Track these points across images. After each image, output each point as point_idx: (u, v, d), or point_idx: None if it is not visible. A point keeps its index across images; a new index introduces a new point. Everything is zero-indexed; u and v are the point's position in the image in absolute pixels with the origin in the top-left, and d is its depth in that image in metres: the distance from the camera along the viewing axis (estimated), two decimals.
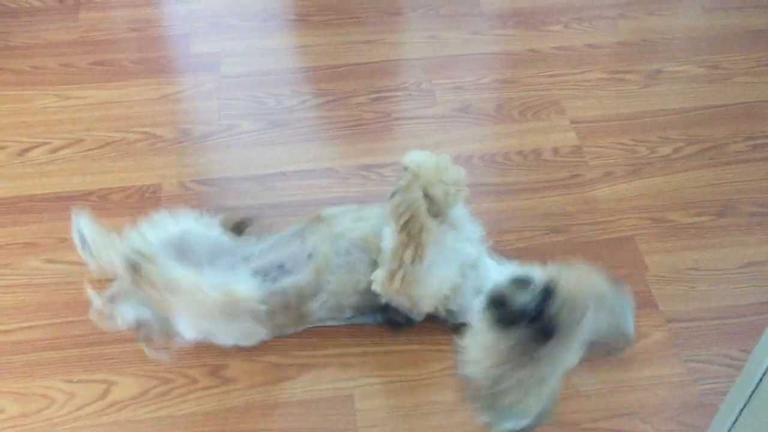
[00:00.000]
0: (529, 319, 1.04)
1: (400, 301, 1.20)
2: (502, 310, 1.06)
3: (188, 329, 1.19)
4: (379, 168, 1.58)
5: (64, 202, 1.50)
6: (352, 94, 1.74)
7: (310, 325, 1.28)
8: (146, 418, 1.19)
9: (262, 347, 1.26)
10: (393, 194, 1.15)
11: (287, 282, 1.22)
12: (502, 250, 1.29)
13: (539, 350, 1.05)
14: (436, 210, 1.21)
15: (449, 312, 1.23)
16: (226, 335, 1.22)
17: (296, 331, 1.28)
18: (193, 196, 1.51)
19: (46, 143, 1.61)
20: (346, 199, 1.50)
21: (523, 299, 1.06)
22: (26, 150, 1.60)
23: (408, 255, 1.13)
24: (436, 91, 1.75)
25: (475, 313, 1.15)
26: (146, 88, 1.75)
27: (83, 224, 1.22)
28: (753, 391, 0.90)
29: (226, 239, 1.29)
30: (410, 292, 1.18)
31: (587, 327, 1.09)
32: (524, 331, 1.04)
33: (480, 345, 1.10)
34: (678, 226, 1.46)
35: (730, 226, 1.46)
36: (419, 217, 1.12)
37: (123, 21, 1.93)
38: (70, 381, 1.23)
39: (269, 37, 1.88)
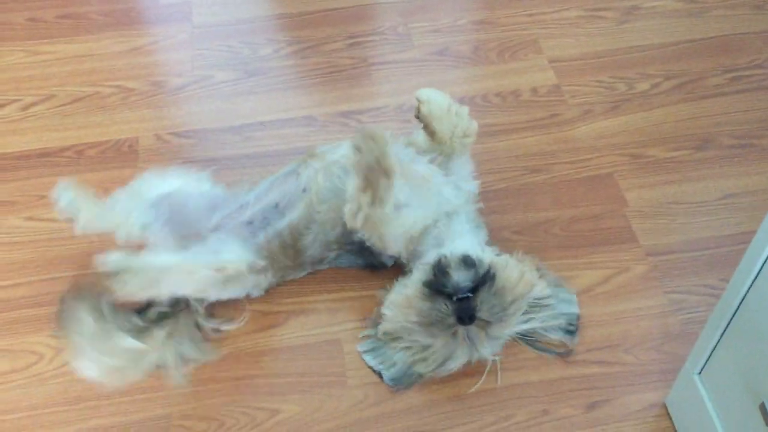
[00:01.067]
0: (458, 298, 1.08)
1: (372, 241, 1.19)
2: (439, 278, 1.10)
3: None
4: (358, 114, 1.56)
5: (39, 158, 1.48)
6: (327, 40, 1.72)
7: (306, 271, 1.28)
8: None
9: (245, 298, 1.27)
10: (357, 148, 1.09)
11: (281, 224, 1.22)
12: (486, 220, 1.29)
13: (451, 330, 1.09)
14: (435, 149, 1.23)
15: (409, 255, 1.22)
16: (233, 294, 1.22)
17: (297, 276, 1.28)
18: (172, 148, 1.50)
19: (16, 100, 1.58)
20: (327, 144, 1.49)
21: (461, 277, 1.09)
22: None
23: (365, 198, 1.11)
24: (412, 34, 1.73)
25: (421, 264, 1.16)
26: (117, 41, 1.71)
27: (68, 197, 1.23)
28: (732, 316, 0.92)
29: (219, 191, 1.28)
30: (377, 231, 1.16)
31: (511, 325, 1.13)
32: (450, 306, 1.08)
33: (406, 295, 1.12)
34: (657, 161, 1.47)
35: (708, 159, 1.47)
36: (381, 165, 1.08)
37: None
38: (57, 336, 1.23)
39: None
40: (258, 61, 1.67)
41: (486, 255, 1.16)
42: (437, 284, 1.10)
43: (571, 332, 1.21)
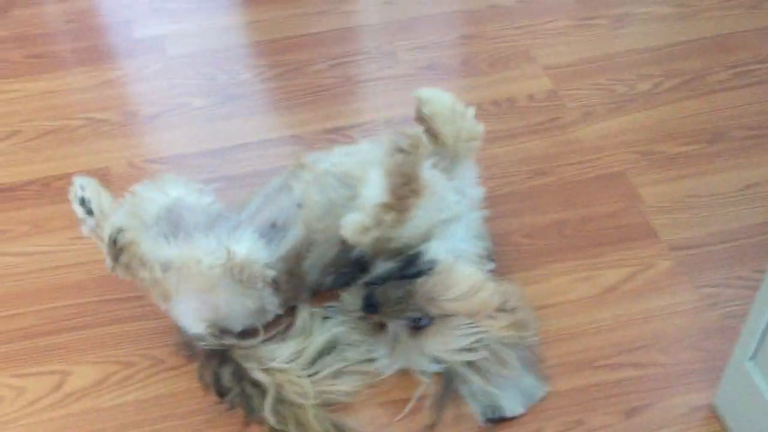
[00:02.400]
0: (372, 283, 1.01)
1: (365, 250, 1.07)
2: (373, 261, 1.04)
3: (192, 319, 1.06)
4: (345, 130, 1.47)
5: (2, 193, 1.36)
6: (309, 63, 1.63)
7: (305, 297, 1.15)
8: (108, 406, 1.05)
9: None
10: (397, 150, 0.98)
11: (284, 246, 1.09)
12: (492, 225, 1.18)
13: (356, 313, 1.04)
14: (437, 152, 1.11)
15: None
16: (237, 312, 1.07)
17: (299, 302, 1.14)
18: (145, 175, 1.37)
19: None
20: None
21: (383, 268, 1.03)
22: None
23: (389, 218, 1.01)
24: (397, 51, 1.65)
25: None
26: (87, 76, 1.62)
27: (85, 184, 1.08)
28: None
29: (219, 206, 1.17)
30: (380, 249, 1.06)
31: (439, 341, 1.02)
32: (360, 288, 1.03)
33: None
34: (669, 157, 1.37)
35: (723, 152, 1.38)
36: (415, 183, 1.00)
37: (58, 14, 1.81)
38: (18, 375, 1.08)
39: (216, 17, 1.77)
40: (238, 86, 1.58)
41: (447, 259, 1.04)
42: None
43: (489, 419, 1.00)
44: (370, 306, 1.02)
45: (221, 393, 1.03)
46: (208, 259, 1.01)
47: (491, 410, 1.00)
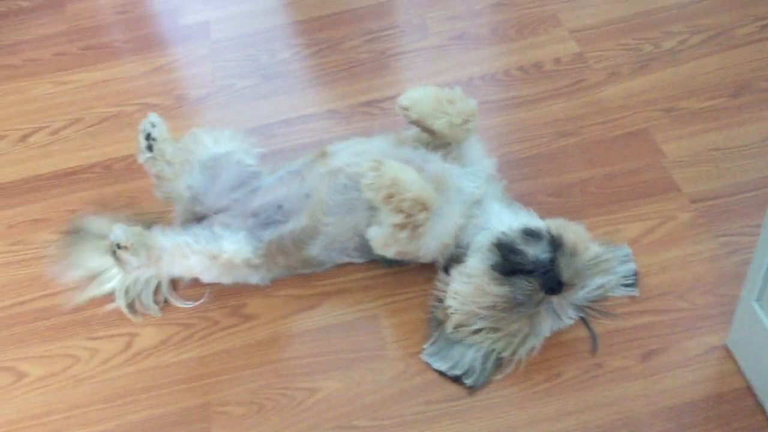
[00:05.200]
0: (541, 272, 1.00)
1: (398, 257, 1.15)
2: (511, 258, 1.02)
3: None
4: (381, 102, 1.55)
5: (68, 177, 1.49)
6: (343, 39, 1.71)
7: (323, 268, 1.24)
8: (172, 363, 1.17)
9: (279, 283, 1.24)
10: (364, 185, 1.07)
11: (283, 229, 1.18)
12: (513, 194, 1.24)
13: (538, 306, 1.02)
14: (442, 143, 1.17)
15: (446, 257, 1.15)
16: (223, 280, 1.22)
17: (312, 272, 1.25)
18: None
19: (45, 127, 1.61)
20: (351, 136, 1.46)
21: (537, 250, 1.02)
22: (26, 135, 1.60)
23: (403, 235, 1.07)
24: (428, 24, 1.71)
25: (474, 251, 1.09)
26: (139, 64, 1.74)
27: (156, 122, 1.24)
28: None
29: (256, 168, 1.27)
30: (409, 254, 1.13)
31: (585, 289, 1.05)
32: (535, 281, 1.00)
33: (472, 284, 1.05)
34: (692, 112, 1.41)
35: (746, 105, 1.41)
36: (416, 205, 1.04)
37: (109, 7, 1.93)
38: (92, 338, 1.21)
39: (257, 0, 1.86)
40: (277, 65, 1.67)
41: (538, 221, 1.10)
42: (511, 265, 1.02)
43: (632, 285, 1.14)
44: (559, 285, 1.01)
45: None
46: (194, 257, 1.17)
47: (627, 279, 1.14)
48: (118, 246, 1.14)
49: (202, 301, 1.23)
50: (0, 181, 1.50)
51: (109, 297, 1.25)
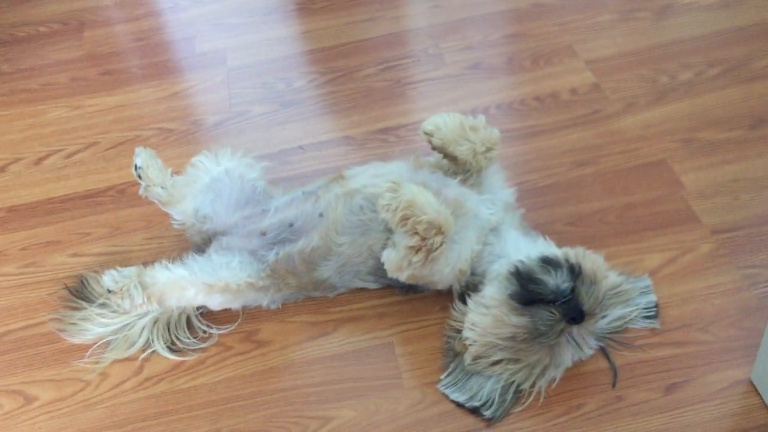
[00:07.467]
0: (562, 302, 0.99)
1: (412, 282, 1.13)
2: (530, 288, 1.00)
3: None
4: (396, 130, 1.54)
5: (82, 200, 1.49)
6: (359, 68, 1.72)
7: (336, 292, 1.23)
8: (183, 388, 1.15)
9: (293, 308, 1.23)
10: (380, 206, 1.06)
11: (292, 248, 1.17)
12: (531, 223, 1.23)
13: (559, 336, 1.00)
14: (462, 170, 1.16)
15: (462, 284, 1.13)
16: (230, 305, 1.21)
17: (325, 296, 1.23)
18: None
19: (60, 150, 1.61)
20: (367, 162, 1.46)
21: (558, 279, 1.00)
22: (42, 158, 1.60)
23: (417, 258, 1.05)
24: (444, 53, 1.72)
25: (491, 280, 1.08)
26: (155, 89, 1.75)
27: (139, 153, 1.25)
28: None
29: (260, 184, 1.26)
30: (424, 279, 1.11)
31: (605, 319, 1.04)
32: (557, 311, 0.99)
33: (491, 315, 1.03)
34: (711, 143, 1.40)
35: (765, 137, 1.40)
36: (432, 228, 1.03)
37: (127, 33, 1.95)
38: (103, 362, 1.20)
39: (272, 29, 1.88)
40: (293, 93, 1.67)
41: (556, 250, 1.08)
42: (530, 294, 1.00)
43: (653, 317, 1.13)
44: (580, 315, 0.99)
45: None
46: (192, 288, 1.17)
47: (647, 311, 1.12)
48: (109, 291, 1.15)
49: (238, 322, 1.22)
50: (14, 203, 1.50)
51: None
